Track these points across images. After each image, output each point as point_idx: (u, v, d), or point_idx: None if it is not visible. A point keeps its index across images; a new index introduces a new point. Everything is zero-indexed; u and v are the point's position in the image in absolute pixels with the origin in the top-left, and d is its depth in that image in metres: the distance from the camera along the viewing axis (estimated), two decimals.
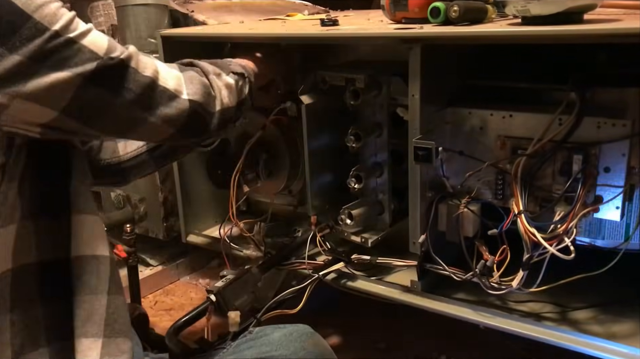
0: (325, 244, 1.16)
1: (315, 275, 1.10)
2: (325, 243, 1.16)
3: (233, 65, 0.97)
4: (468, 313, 1.00)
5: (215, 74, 0.90)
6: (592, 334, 0.91)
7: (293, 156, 1.33)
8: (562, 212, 0.86)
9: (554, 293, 0.95)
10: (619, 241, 0.93)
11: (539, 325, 0.95)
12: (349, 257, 1.13)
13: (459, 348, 1.29)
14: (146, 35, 1.54)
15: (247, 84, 0.97)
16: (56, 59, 0.65)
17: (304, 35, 1.16)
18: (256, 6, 1.82)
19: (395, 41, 0.94)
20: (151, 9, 1.55)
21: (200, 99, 0.83)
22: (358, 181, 1.12)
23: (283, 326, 0.93)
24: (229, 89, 0.92)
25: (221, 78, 0.91)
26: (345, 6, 1.95)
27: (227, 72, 0.94)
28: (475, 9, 0.93)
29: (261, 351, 0.86)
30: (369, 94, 1.08)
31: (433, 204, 1.00)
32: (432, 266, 1.01)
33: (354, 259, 1.12)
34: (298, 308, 1.07)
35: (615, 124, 0.86)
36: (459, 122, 1.00)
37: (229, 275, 1.06)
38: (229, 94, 0.91)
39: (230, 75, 0.94)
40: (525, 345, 1.18)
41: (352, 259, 1.12)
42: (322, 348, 0.90)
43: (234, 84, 0.93)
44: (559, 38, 0.80)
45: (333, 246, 1.16)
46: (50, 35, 0.64)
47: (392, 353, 1.33)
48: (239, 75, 0.96)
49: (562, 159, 0.90)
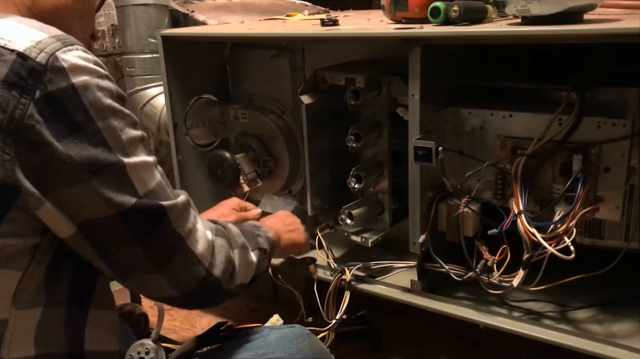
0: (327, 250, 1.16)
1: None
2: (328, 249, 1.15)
3: (261, 238, 0.92)
4: (468, 313, 1.00)
5: (241, 247, 0.85)
6: (592, 334, 0.91)
7: (293, 156, 1.33)
8: (562, 212, 0.86)
9: (554, 293, 0.95)
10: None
11: (539, 325, 0.95)
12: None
13: (459, 348, 1.29)
14: (146, 35, 1.54)
15: (266, 261, 0.92)
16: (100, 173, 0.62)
17: (304, 35, 1.16)
18: (256, 6, 1.82)
19: (396, 41, 0.94)
20: (151, 9, 1.55)
21: (219, 275, 0.76)
22: (358, 181, 1.12)
23: (279, 328, 0.92)
24: (249, 267, 0.86)
25: (245, 254, 0.85)
26: (345, 6, 1.94)
27: (254, 248, 0.88)
28: (475, 9, 0.92)
29: (257, 354, 0.86)
30: (369, 94, 1.08)
31: (433, 204, 1.00)
32: (432, 266, 1.01)
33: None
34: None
35: (615, 124, 0.86)
36: (459, 122, 1.00)
37: None
38: (247, 271, 0.85)
39: (255, 252, 0.88)
40: (525, 345, 1.18)
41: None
42: (318, 349, 0.90)
43: (255, 262, 0.87)
44: (559, 38, 0.80)
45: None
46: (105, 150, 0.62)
47: (392, 352, 1.33)
48: (263, 252, 0.91)
49: (562, 159, 0.90)
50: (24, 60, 0.59)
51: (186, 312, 1.52)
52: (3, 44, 0.60)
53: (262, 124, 1.34)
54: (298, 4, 1.89)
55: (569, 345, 0.90)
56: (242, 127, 1.36)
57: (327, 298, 1.09)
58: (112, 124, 0.63)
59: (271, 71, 1.35)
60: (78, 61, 0.61)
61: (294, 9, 1.79)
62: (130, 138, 0.65)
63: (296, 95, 1.25)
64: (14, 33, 0.61)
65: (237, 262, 0.82)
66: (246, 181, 1.28)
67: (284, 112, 1.35)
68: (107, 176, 0.63)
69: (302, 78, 1.31)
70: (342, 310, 1.08)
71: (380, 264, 1.14)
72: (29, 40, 0.60)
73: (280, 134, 1.33)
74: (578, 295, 0.99)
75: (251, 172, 1.30)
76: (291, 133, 1.34)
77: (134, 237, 0.66)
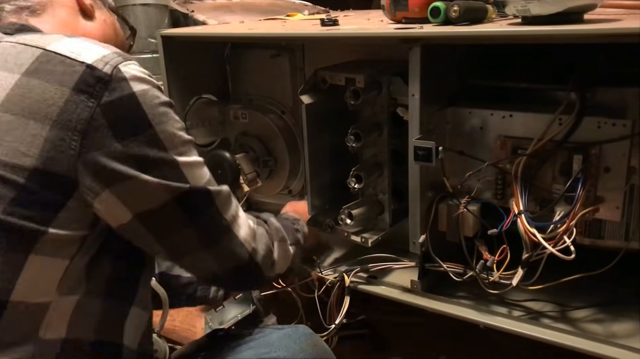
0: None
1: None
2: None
3: (300, 234, 1.01)
4: (468, 313, 1.00)
5: (280, 239, 0.93)
6: (592, 334, 0.91)
7: (293, 156, 1.33)
8: (562, 212, 0.86)
9: (554, 293, 0.95)
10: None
11: (539, 325, 0.95)
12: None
13: (459, 348, 1.29)
14: (146, 35, 1.54)
15: (300, 254, 1.00)
16: (156, 169, 0.70)
17: (304, 35, 1.16)
18: (256, 6, 1.82)
19: (395, 41, 0.94)
20: (151, 9, 1.56)
21: (260, 260, 0.85)
22: (358, 181, 1.12)
23: (282, 327, 0.93)
24: (286, 258, 0.94)
25: (284, 246, 0.94)
26: (345, 6, 1.95)
27: (292, 242, 0.97)
28: (475, 9, 0.92)
29: (260, 353, 0.86)
30: (369, 94, 1.08)
31: (433, 204, 1.00)
32: (432, 265, 1.01)
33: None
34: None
35: (615, 124, 0.86)
36: (459, 122, 1.00)
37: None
38: (284, 262, 0.93)
39: (292, 247, 0.96)
40: (525, 345, 1.18)
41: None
42: (320, 348, 0.90)
43: (292, 255, 0.96)
44: (559, 38, 0.80)
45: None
46: (161, 150, 0.70)
47: (392, 352, 1.33)
48: (298, 246, 0.99)
49: (562, 159, 0.90)
50: (92, 71, 0.67)
51: (186, 312, 1.52)
52: (74, 57, 0.68)
53: (262, 124, 1.34)
54: (298, 4, 1.90)
55: (569, 345, 0.90)
56: (242, 127, 1.36)
57: (328, 305, 1.10)
58: (167, 128, 0.71)
59: (271, 71, 1.35)
60: (137, 73, 0.70)
61: (294, 9, 1.80)
62: (183, 141, 0.74)
63: (296, 95, 1.25)
64: (82, 48, 0.70)
65: (276, 252, 0.89)
66: (246, 181, 1.28)
67: (284, 112, 1.36)
68: (164, 171, 0.71)
69: (302, 78, 1.31)
70: (342, 314, 1.08)
71: (380, 264, 1.14)
72: (96, 54, 0.69)
73: (280, 134, 1.33)
74: (578, 295, 0.99)
75: (251, 172, 1.30)
76: (291, 133, 1.34)
77: (187, 220, 0.74)
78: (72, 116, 0.66)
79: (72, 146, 0.66)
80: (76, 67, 0.68)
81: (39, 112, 0.66)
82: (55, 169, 0.66)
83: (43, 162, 0.65)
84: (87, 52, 0.69)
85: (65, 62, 0.68)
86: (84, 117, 0.66)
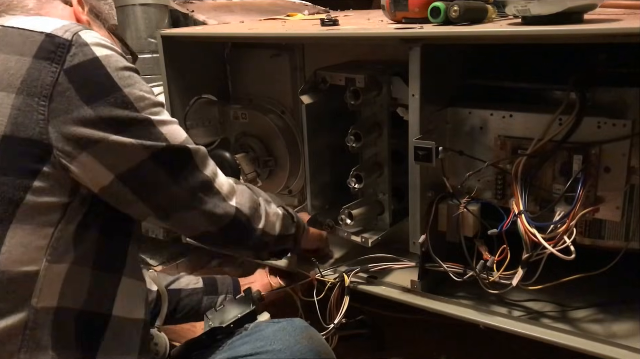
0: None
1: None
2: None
3: (285, 206, 1.02)
4: (468, 313, 1.00)
5: (265, 200, 0.95)
6: (592, 334, 0.91)
7: (293, 156, 1.33)
8: (562, 212, 0.86)
9: (554, 293, 0.95)
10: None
11: (539, 325, 0.95)
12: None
13: (459, 348, 1.29)
14: (146, 35, 1.54)
15: (293, 226, 1.01)
16: (131, 129, 0.71)
17: (304, 35, 1.16)
18: (256, 6, 1.82)
19: (395, 41, 0.94)
20: (151, 9, 1.55)
21: (247, 211, 0.87)
22: (358, 181, 1.12)
23: (277, 321, 0.93)
24: (276, 216, 0.95)
25: (270, 206, 0.95)
26: (345, 6, 1.95)
27: (278, 205, 0.98)
28: (476, 9, 0.92)
29: (256, 346, 0.86)
30: (369, 94, 1.08)
31: (433, 204, 1.00)
32: (432, 265, 1.01)
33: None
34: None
35: (615, 124, 0.86)
36: (459, 122, 1.00)
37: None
38: (275, 220, 0.95)
39: (280, 208, 0.98)
40: (525, 345, 1.18)
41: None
42: (316, 341, 0.90)
43: (281, 214, 0.97)
44: (559, 38, 0.80)
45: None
46: (133, 110, 0.71)
47: (392, 352, 1.33)
48: (288, 214, 1.00)
49: (562, 159, 0.90)
50: (52, 38, 0.69)
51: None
52: (32, 29, 0.70)
53: (262, 124, 1.34)
54: (298, 4, 1.90)
55: (569, 345, 0.90)
56: (242, 127, 1.36)
57: (328, 305, 1.09)
58: (134, 91, 0.72)
59: (271, 71, 1.35)
60: (99, 39, 0.71)
61: (294, 9, 1.79)
62: (153, 102, 0.74)
63: (296, 95, 1.25)
64: (41, 21, 0.72)
65: (262, 207, 0.91)
66: (246, 181, 1.28)
67: (284, 112, 1.36)
68: (138, 131, 0.72)
69: (302, 78, 1.31)
70: (341, 314, 1.08)
71: (380, 264, 1.13)
72: (55, 24, 0.71)
73: (280, 134, 1.33)
74: (578, 295, 0.99)
75: (251, 172, 1.30)
76: (291, 133, 1.34)
77: (168, 177, 0.76)
78: (36, 82, 0.67)
79: (40, 110, 0.67)
80: (35, 37, 0.69)
81: (2, 82, 0.68)
82: (25, 134, 0.67)
83: (11, 129, 0.67)
84: (46, 24, 0.71)
85: (24, 34, 0.70)
86: (48, 82, 0.67)
